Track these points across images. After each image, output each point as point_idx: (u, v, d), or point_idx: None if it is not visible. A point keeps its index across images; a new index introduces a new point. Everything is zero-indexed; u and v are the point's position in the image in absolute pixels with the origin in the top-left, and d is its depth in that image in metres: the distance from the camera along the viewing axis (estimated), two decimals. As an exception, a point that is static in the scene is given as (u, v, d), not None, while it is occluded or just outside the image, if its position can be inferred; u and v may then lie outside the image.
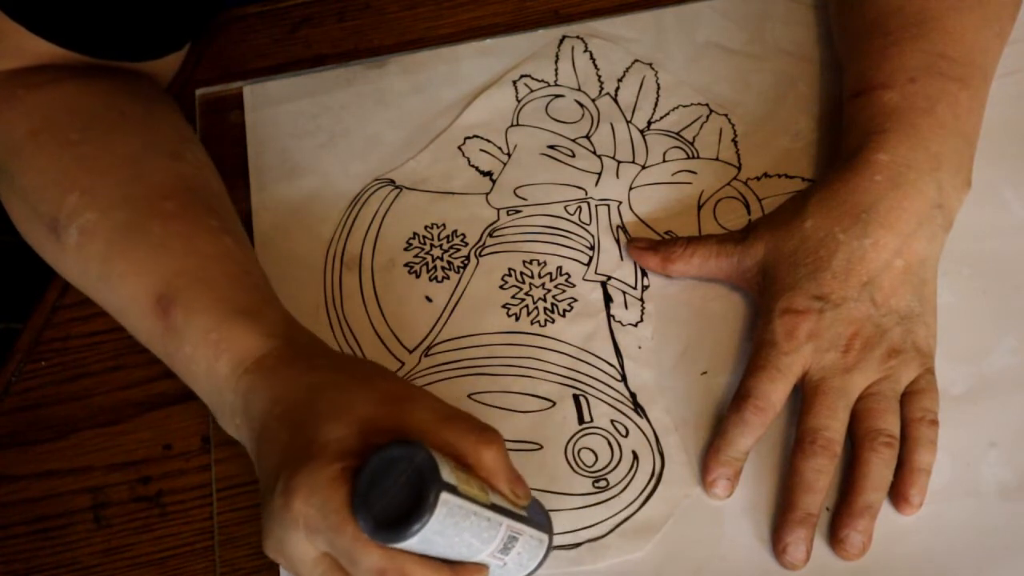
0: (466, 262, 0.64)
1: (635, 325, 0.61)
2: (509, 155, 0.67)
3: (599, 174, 0.66)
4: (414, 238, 0.65)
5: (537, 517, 0.50)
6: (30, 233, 0.60)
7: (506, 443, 0.57)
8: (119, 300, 0.57)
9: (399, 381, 0.51)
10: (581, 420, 0.59)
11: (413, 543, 0.43)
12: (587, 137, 0.67)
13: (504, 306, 0.62)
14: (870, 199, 0.56)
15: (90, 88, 0.61)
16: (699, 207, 0.65)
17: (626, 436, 0.58)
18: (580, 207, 0.65)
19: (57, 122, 0.59)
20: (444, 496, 0.43)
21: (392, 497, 0.43)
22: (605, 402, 0.59)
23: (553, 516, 0.56)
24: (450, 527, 0.44)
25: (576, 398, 0.59)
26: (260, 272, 0.58)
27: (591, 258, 0.63)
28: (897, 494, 0.54)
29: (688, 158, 0.66)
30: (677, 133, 0.67)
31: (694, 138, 0.67)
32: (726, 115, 0.68)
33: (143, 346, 0.58)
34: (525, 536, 0.48)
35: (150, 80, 0.66)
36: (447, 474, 0.44)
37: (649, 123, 0.68)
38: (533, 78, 0.70)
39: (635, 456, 0.57)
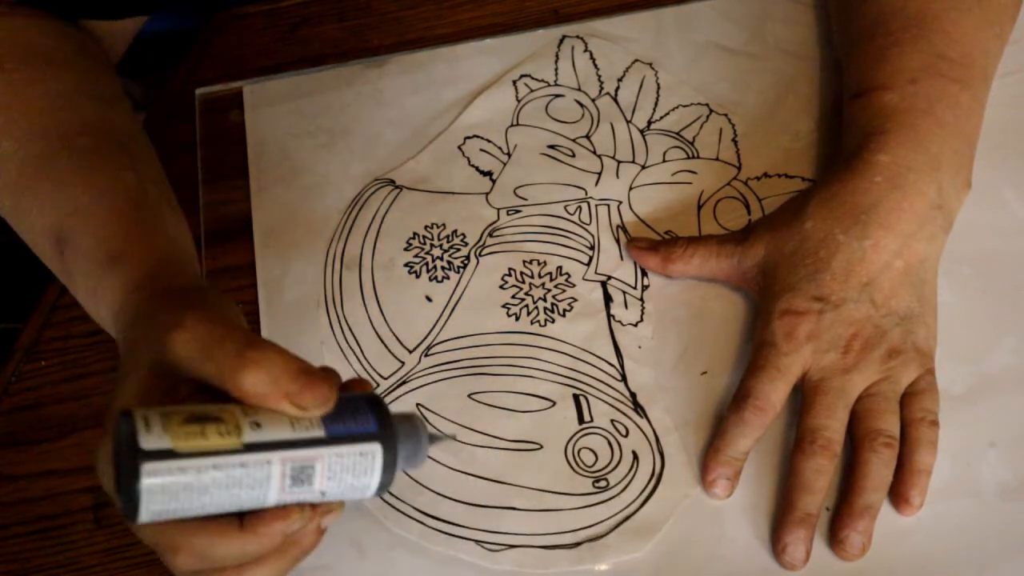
0: (466, 262, 0.64)
1: (635, 325, 0.61)
2: (509, 155, 0.67)
3: (599, 174, 0.66)
4: (414, 238, 0.65)
5: (354, 429, 0.42)
6: None
7: (505, 442, 0.58)
8: (27, 233, 0.57)
9: (180, 304, 0.45)
10: (581, 420, 0.59)
11: (153, 517, 0.39)
12: (587, 137, 0.67)
13: (504, 306, 0.62)
14: (870, 200, 0.56)
15: (39, 27, 0.61)
16: (699, 207, 0.65)
17: (626, 436, 0.58)
18: (580, 207, 0.65)
19: (2, 53, 0.58)
20: (146, 466, 0.37)
21: (122, 476, 0.40)
22: (605, 402, 0.59)
23: (553, 516, 0.56)
24: (184, 492, 0.39)
25: (576, 398, 0.59)
26: (156, 208, 0.55)
27: (591, 258, 0.63)
28: (897, 495, 0.54)
29: (688, 158, 0.66)
30: (677, 133, 0.67)
31: (694, 138, 0.67)
32: (726, 115, 0.68)
33: None
34: (325, 459, 0.41)
35: (98, 43, 0.65)
36: (155, 438, 0.38)
37: (649, 123, 0.68)
38: (533, 78, 0.70)
39: (635, 456, 0.57)
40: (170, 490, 0.38)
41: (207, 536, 0.41)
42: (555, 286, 0.63)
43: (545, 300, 0.62)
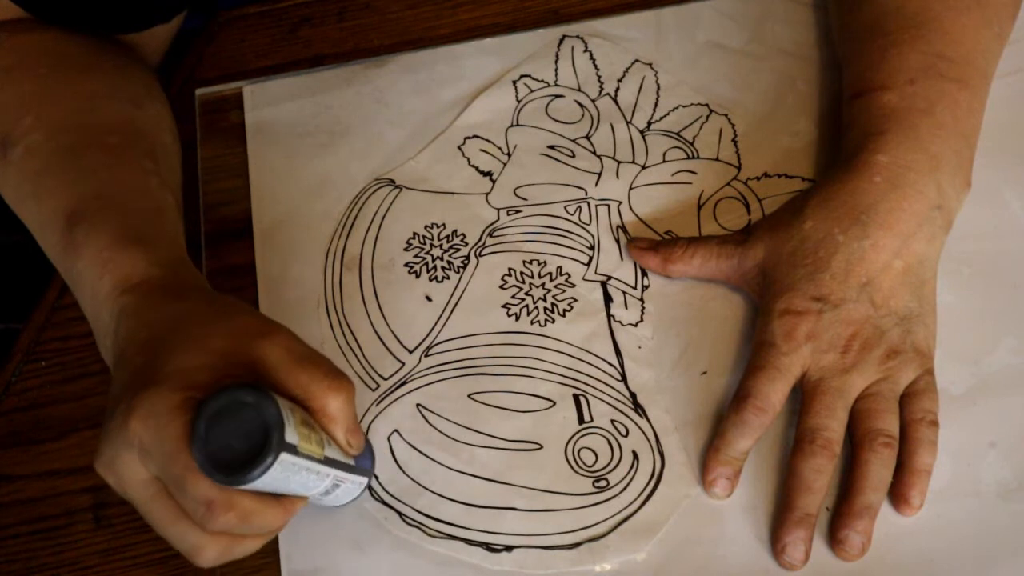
0: (466, 262, 0.64)
1: (635, 325, 0.61)
2: (509, 155, 0.67)
3: (599, 174, 0.66)
4: (414, 238, 0.65)
5: (364, 463, 0.53)
6: None
7: (505, 442, 0.58)
8: (41, 214, 0.57)
9: (261, 317, 0.50)
10: (581, 420, 0.59)
11: (250, 487, 0.44)
12: (587, 137, 0.67)
13: (504, 306, 0.62)
14: (869, 200, 0.56)
15: (70, 38, 0.63)
16: (699, 207, 0.65)
17: (626, 436, 0.58)
18: (580, 207, 0.65)
19: (30, 58, 0.61)
20: (284, 457, 0.44)
21: (232, 440, 0.44)
22: (605, 402, 0.59)
23: (553, 516, 0.56)
24: (280, 479, 0.45)
25: (576, 398, 0.59)
26: (175, 216, 0.59)
27: (591, 258, 0.63)
28: (897, 495, 0.54)
29: (688, 158, 0.66)
30: (677, 133, 0.67)
31: (694, 138, 0.67)
32: (726, 115, 0.68)
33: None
34: (347, 483, 0.51)
35: (131, 49, 0.67)
36: (291, 432, 0.44)
37: (649, 123, 0.68)
38: (533, 78, 0.70)
39: (635, 456, 0.57)
40: (278, 474, 0.44)
41: (259, 504, 0.46)
42: (555, 286, 0.63)
43: (545, 300, 0.62)
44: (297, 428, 0.45)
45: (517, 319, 0.62)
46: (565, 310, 0.62)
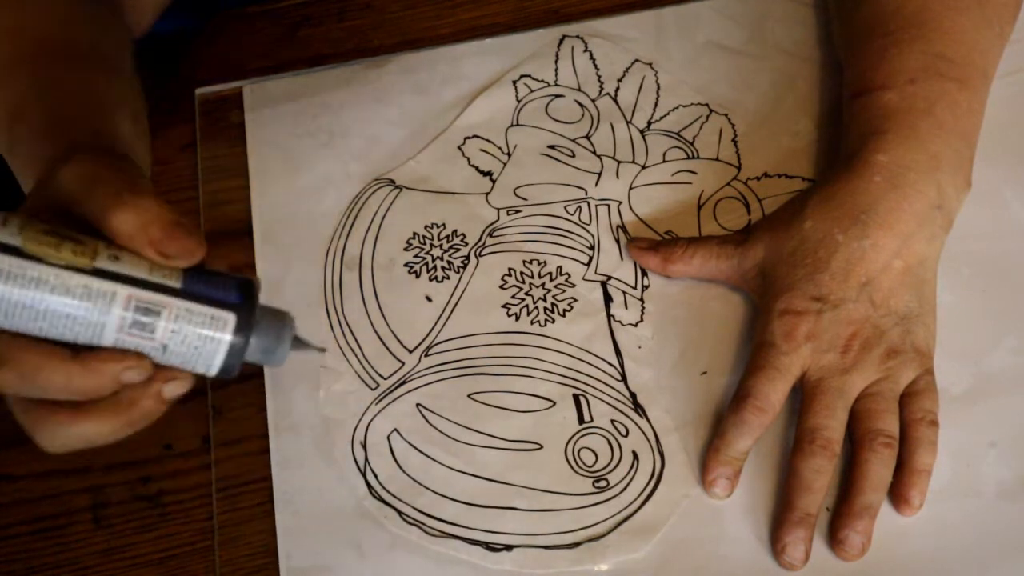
0: (466, 262, 0.64)
1: (635, 325, 0.61)
2: (509, 155, 0.67)
3: (599, 174, 0.66)
4: (414, 238, 0.65)
5: (214, 293, 0.41)
6: None
7: (505, 442, 0.58)
8: None
9: (80, 151, 0.44)
10: (581, 420, 0.59)
11: None
12: (587, 137, 0.67)
13: (504, 306, 0.62)
14: (869, 200, 0.56)
15: None
16: (699, 207, 0.65)
17: (626, 436, 0.58)
18: (580, 207, 0.65)
19: None
20: None
21: None
22: (605, 402, 0.59)
23: (553, 516, 0.56)
24: (19, 295, 0.38)
25: (576, 398, 0.59)
26: (112, 105, 0.55)
27: (591, 258, 0.63)
28: (897, 495, 0.54)
29: (688, 158, 0.66)
30: (677, 133, 0.67)
31: (694, 138, 0.67)
32: (726, 115, 0.68)
33: None
34: (173, 310, 0.40)
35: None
36: (8, 234, 0.37)
37: (649, 123, 0.68)
38: (533, 78, 0.70)
39: (635, 456, 0.57)
40: (13, 290, 0.38)
41: (36, 355, 0.39)
42: (555, 286, 0.63)
43: (545, 300, 0.62)
44: (30, 233, 0.38)
45: (517, 319, 0.62)
46: (565, 310, 0.62)
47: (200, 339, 0.41)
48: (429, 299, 0.63)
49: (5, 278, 0.37)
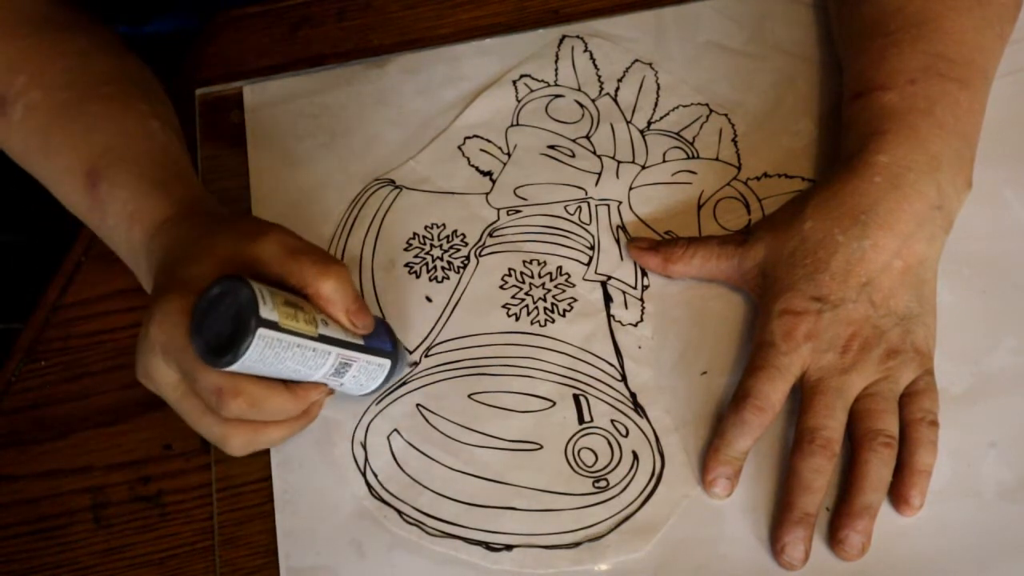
0: (466, 262, 0.64)
1: (635, 325, 0.61)
2: (509, 155, 0.67)
3: (599, 174, 0.66)
4: (414, 238, 0.65)
5: (380, 345, 0.55)
6: None
7: (505, 442, 0.58)
8: (54, 171, 0.61)
9: (260, 221, 0.55)
10: (581, 420, 0.59)
11: (238, 367, 0.48)
12: (587, 137, 0.67)
13: (504, 306, 0.62)
14: (869, 200, 0.56)
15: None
16: (699, 207, 0.65)
17: (626, 436, 0.58)
18: (580, 207, 0.65)
19: (10, 21, 0.63)
20: (261, 331, 0.48)
21: (221, 326, 0.48)
22: (605, 402, 0.59)
23: (553, 516, 0.56)
24: (271, 356, 0.49)
25: (576, 398, 0.59)
26: (179, 150, 0.63)
27: (591, 258, 0.63)
28: (898, 496, 0.54)
29: (688, 158, 0.66)
30: (677, 133, 0.67)
31: (694, 138, 0.67)
32: (726, 115, 0.68)
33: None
34: (360, 362, 0.54)
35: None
36: (268, 310, 0.48)
37: (649, 123, 0.68)
38: (533, 78, 0.70)
39: (635, 456, 0.57)
40: (267, 351, 0.48)
41: (265, 389, 0.51)
42: (555, 286, 0.63)
43: (545, 300, 0.62)
44: (278, 307, 0.49)
45: (517, 319, 0.62)
46: (565, 310, 0.62)
47: (368, 378, 0.55)
48: (429, 299, 0.63)
49: (271, 346, 0.48)
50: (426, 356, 0.61)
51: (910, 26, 0.60)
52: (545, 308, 0.62)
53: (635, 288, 0.62)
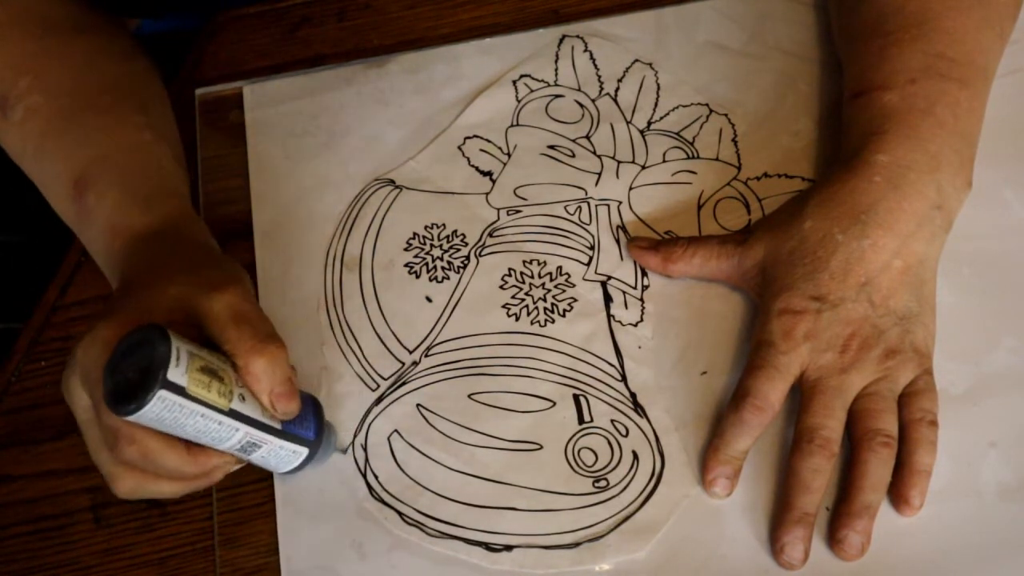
0: (466, 262, 0.64)
1: (635, 325, 0.61)
2: (509, 155, 0.67)
3: (599, 174, 0.66)
4: (414, 238, 0.65)
5: (300, 432, 0.53)
6: None
7: (505, 442, 0.58)
8: (46, 177, 0.62)
9: (226, 272, 0.54)
10: (581, 420, 0.59)
11: (136, 419, 0.47)
12: (587, 137, 0.67)
13: (504, 306, 0.62)
14: (869, 200, 0.56)
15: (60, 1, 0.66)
16: (699, 207, 0.65)
17: (626, 436, 0.58)
18: (580, 207, 0.65)
19: (23, 18, 0.64)
20: (162, 393, 0.46)
21: (132, 374, 0.47)
22: (605, 402, 0.59)
23: (553, 516, 0.56)
24: (170, 419, 0.47)
25: (576, 398, 0.59)
26: (171, 164, 0.63)
27: (591, 258, 0.63)
28: (897, 496, 0.54)
29: (688, 158, 0.66)
30: (677, 133, 0.67)
31: (694, 138, 0.67)
32: (726, 115, 0.68)
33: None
34: (271, 445, 0.52)
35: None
36: (179, 373, 0.47)
37: (649, 123, 0.68)
38: (533, 78, 0.70)
39: (635, 456, 0.57)
40: (165, 413, 0.47)
41: (162, 445, 0.49)
42: (555, 286, 0.63)
43: (545, 300, 0.62)
44: (192, 372, 0.47)
45: (517, 319, 0.62)
46: (565, 310, 0.62)
47: (279, 461, 0.53)
48: (429, 299, 0.63)
49: (170, 410, 0.47)
50: (426, 356, 0.61)
51: (910, 26, 0.60)
52: (545, 308, 0.62)
53: (635, 288, 0.62)
